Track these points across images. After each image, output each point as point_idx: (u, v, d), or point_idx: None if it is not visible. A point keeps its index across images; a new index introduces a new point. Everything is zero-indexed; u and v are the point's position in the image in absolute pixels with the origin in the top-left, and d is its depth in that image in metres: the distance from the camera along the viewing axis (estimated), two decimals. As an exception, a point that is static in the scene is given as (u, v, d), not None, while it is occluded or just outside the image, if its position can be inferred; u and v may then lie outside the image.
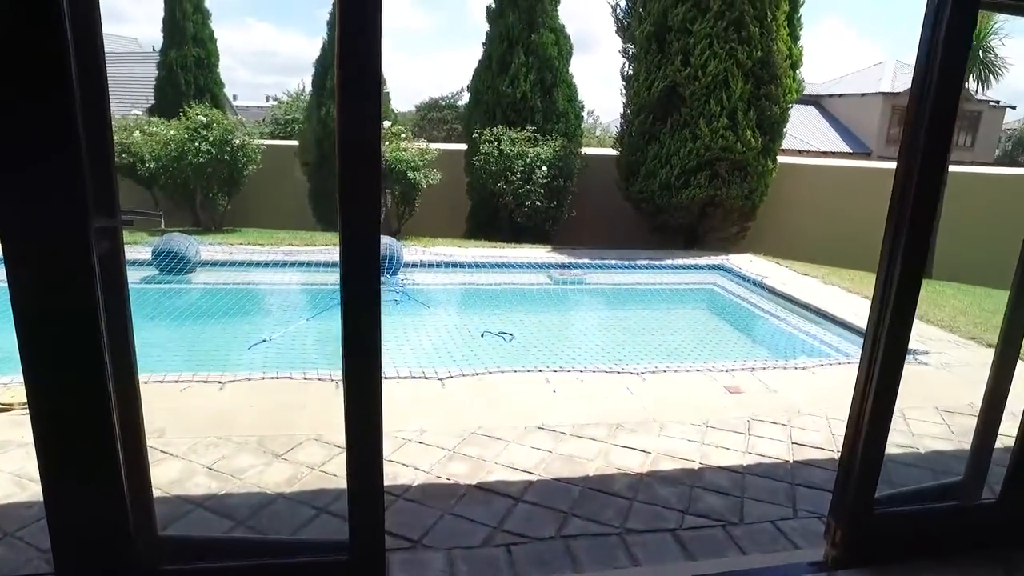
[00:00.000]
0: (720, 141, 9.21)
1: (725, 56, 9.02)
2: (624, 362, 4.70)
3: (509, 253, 8.91)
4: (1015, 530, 2.51)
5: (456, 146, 11.80)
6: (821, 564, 2.39)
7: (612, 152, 11.01)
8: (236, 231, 10.06)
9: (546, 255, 8.97)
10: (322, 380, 3.92)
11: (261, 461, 2.97)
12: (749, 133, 9.24)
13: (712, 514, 2.74)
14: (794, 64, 9.84)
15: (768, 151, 9.66)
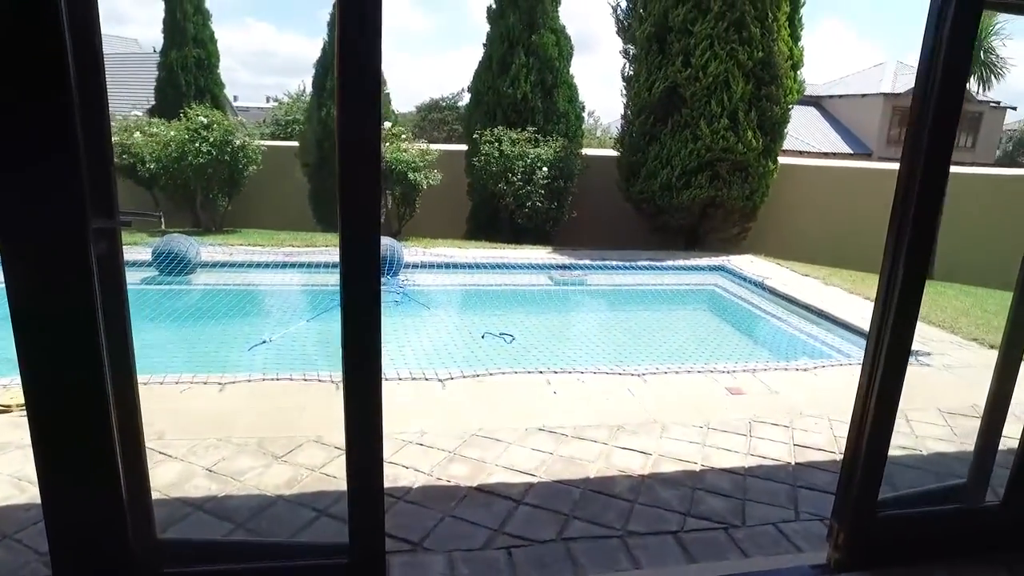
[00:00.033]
0: (721, 142, 9.19)
1: (726, 57, 9.01)
2: (625, 363, 4.68)
3: (509, 254, 8.89)
4: (1019, 533, 2.49)
5: (457, 147, 11.79)
6: (824, 567, 2.38)
7: (613, 153, 11.00)
8: (236, 232, 10.05)
9: (547, 256, 8.96)
10: (322, 381, 3.91)
11: (261, 463, 2.95)
12: (750, 134, 9.22)
13: (714, 516, 2.73)
14: (795, 65, 9.82)
15: (769, 152, 9.65)
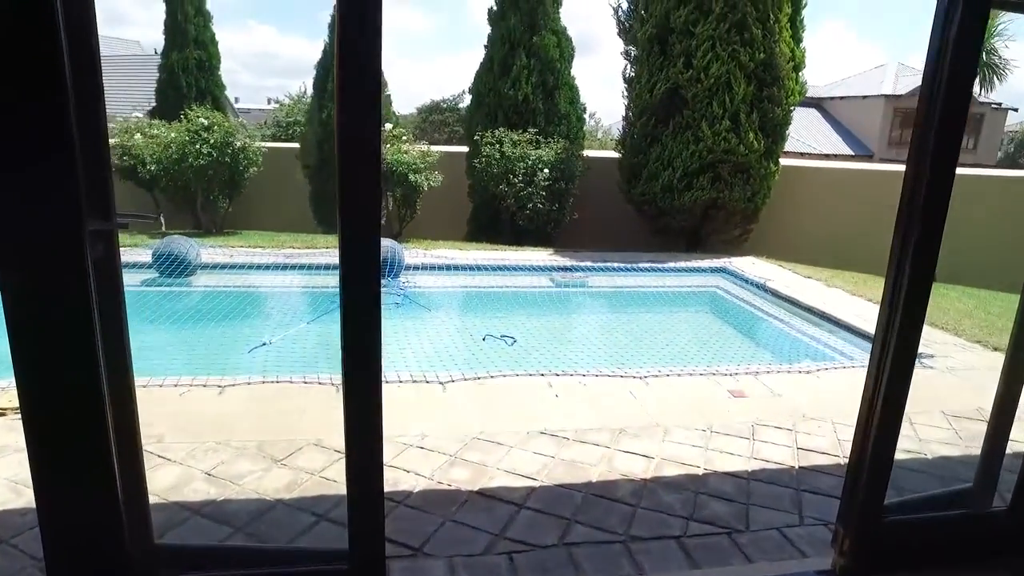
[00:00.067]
0: (722, 143, 9.17)
1: (727, 58, 8.98)
2: (627, 366, 4.66)
3: (511, 256, 8.87)
4: (1026, 538, 2.47)
5: (457, 148, 11.77)
6: (829, 573, 2.35)
7: (614, 154, 10.97)
8: (237, 233, 10.04)
9: (548, 258, 8.93)
10: (322, 384, 3.89)
11: (260, 467, 2.93)
12: (752, 135, 9.20)
13: (717, 521, 2.70)
14: (797, 66, 9.80)
15: (771, 153, 9.62)
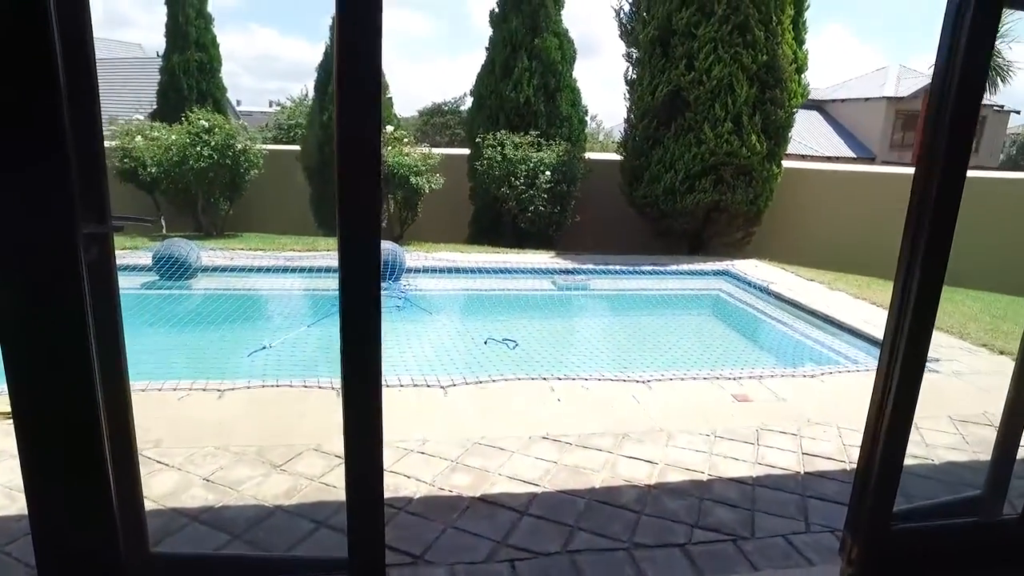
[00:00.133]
0: (725, 146, 9.13)
1: (730, 60, 8.95)
2: (629, 370, 4.63)
3: (512, 259, 8.83)
4: (1037, 546, 2.43)
5: (459, 151, 11.74)
6: (836, 581, 2.31)
7: (616, 157, 10.94)
8: (237, 236, 10.02)
9: (549, 260, 8.90)
10: (323, 388, 3.85)
11: (259, 472, 2.90)
12: (754, 137, 9.16)
13: (722, 528, 2.66)
14: (799, 68, 9.76)
15: (773, 155, 9.58)
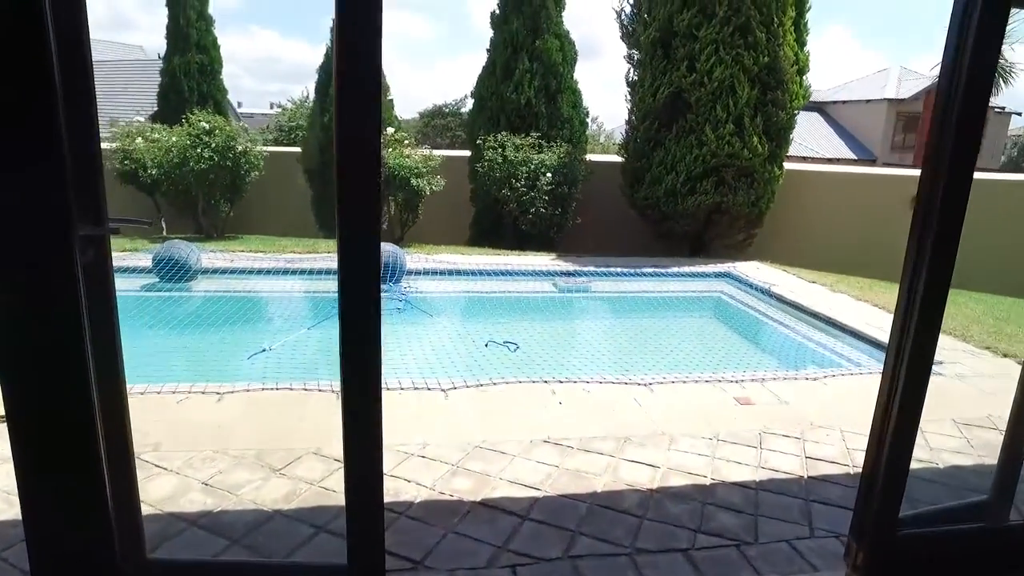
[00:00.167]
0: (726, 147, 9.10)
1: (731, 62, 8.93)
2: (631, 372, 4.60)
3: (513, 261, 8.81)
4: (1044, 552, 2.40)
5: (460, 152, 11.72)
6: (841, 587, 2.29)
7: (617, 159, 10.92)
8: (238, 238, 10.00)
9: (550, 263, 8.88)
10: (323, 391, 3.83)
11: (258, 476, 2.87)
12: (756, 139, 9.14)
13: (725, 533, 2.64)
14: (801, 70, 9.74)
15: (775, 157, 9.55)
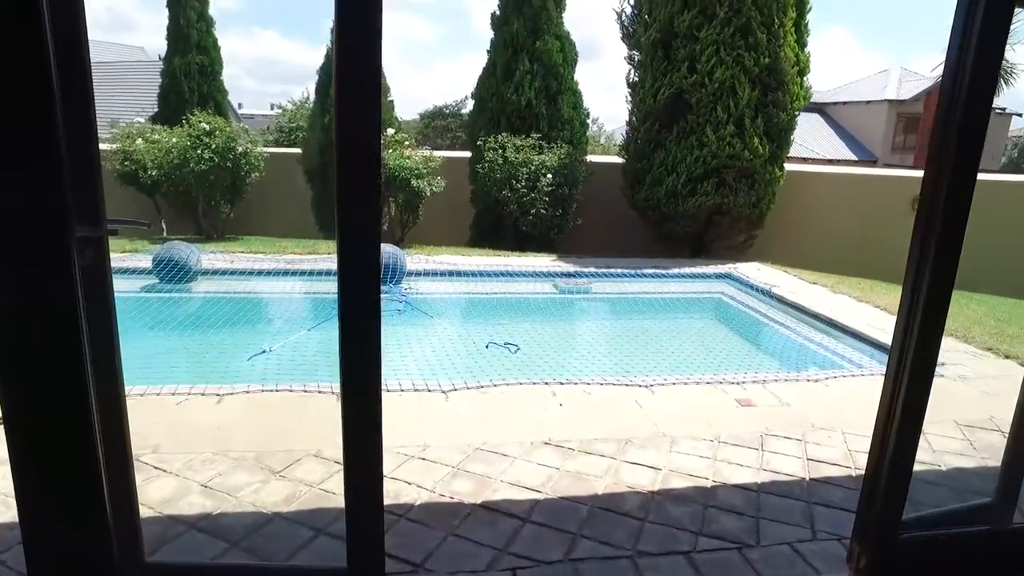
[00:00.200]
0: (727, 148, 9.09)
1: (732, 63, 8.92)
2: (632, 374, 4.58)
3: (514, 262, 8.80)
4: (1048, 555, 2.39)
5: (460, 154, 11.72)
6: (844, 591, 2.27)
7: (617, 160, 10.91)
8: (238, 239, 9.99)
9: (551, 264, 8.86)
10: (323, 393, 3.82)
11: (258, 478, 2.86)
12: (756, 140, 9.13)
13: (727, 536, 2.62)
14: (801, 71, 9.73)
15: (775, 158, 9.54)
